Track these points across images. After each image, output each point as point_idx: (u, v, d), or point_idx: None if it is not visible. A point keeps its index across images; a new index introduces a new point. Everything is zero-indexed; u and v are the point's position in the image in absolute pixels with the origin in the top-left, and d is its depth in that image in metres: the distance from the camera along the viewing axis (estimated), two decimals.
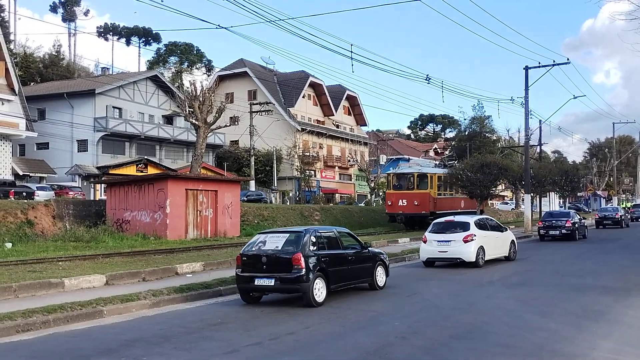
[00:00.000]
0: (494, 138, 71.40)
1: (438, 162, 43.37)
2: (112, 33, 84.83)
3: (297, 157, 56.51)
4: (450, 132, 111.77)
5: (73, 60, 74.11)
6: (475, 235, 17.19)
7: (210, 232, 27.18)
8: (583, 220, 31.29)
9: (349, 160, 66.47)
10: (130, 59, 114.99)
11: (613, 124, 64.28)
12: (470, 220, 17.89)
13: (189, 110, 31.43)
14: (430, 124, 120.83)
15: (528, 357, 7.24)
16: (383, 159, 64.10)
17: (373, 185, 59.15)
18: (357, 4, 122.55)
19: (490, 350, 7.49)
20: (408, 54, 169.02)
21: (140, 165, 44.87)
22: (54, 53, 67.20)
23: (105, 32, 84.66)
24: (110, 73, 57.38)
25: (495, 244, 18.43)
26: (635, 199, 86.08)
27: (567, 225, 28.27)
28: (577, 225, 28.78)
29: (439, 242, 17.40)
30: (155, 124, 48.90)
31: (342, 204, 53.25)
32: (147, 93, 50.04)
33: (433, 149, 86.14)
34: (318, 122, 63.29)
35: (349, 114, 69.77)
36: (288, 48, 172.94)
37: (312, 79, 61.35)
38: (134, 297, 11.05)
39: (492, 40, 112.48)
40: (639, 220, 51.42)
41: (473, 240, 17.03)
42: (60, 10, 79.85)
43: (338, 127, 66.18)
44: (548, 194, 57.94)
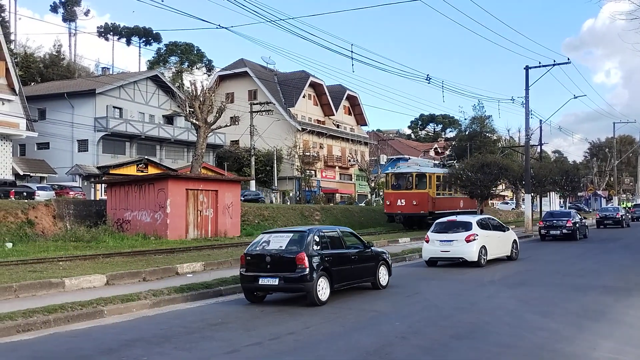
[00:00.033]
0: (495, 138, 71.37)
1: (437, 162, 43.26)
2: (112, 33, 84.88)
3: (297, 157, 56.52)
4: (451, 132, 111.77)
5: (73, 60, 74.16)
6: (478, 235, 17.21)
7: (211, 232, 27.18)
8: (584, 220, 31.28)
9: (350, 160, 66.47)
10: (131, 59, 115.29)
11: (613, 124, 64.24)
12: (473, 220, 17.92)
13: (190, 110, 31.45)
14: (431, 124, 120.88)
15: (529, 357, 7.23)
16: (383, 159, 64.11)
17: (373, 185, 59.13)
18: (357, 4, 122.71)
19: (491, 350, 7.48)
20: (408, 54, 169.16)
21: (141, 165, 44.89)
22: (55, 53, 67.23)
23: (106, 32, 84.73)
24: (111, 73, 57.39)
25: (498, 244, 18.44)
26: (636, 199, 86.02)
27: (568, 225, 28.26)
28: (578, 225, 28.78)
29: (442, 241, 17.42)
30: (156, 124, 48.91)
31: (342, 204, 53.25)
32: (147, 93, 50.05)
33: (433, 149, 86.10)
34: (318, 122, 63.29)
35: (350, 114, 69.77)
36: (288, 48, 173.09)
37: (312, 79, 61.35)
38: (135, 297, 11.05)
39: (492, 40, 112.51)
40: None
41: (475, 240, 17.05)
42: (61, 10, 79.97)
43: (338, 127, 66.17)
44: (548, 194, 57.94)
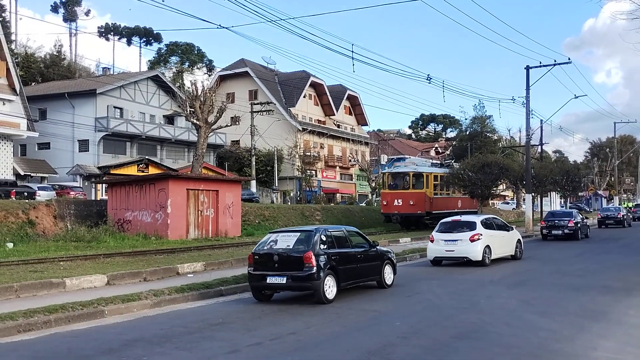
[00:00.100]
0: (495, 138, 71.44)
1: (435, 161, 43.15)
2: (113, 33, 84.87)
3: (298, 157, 56.51)
4: (452, 131, 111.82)
5: (74, 60, 74.15)
6: (482, 235, 17.33)
7: (212, 232, 27.19)
8: (586, 220, 31.32)
9: (350, 160, 66.46)
10: (131, 59, 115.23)
11: (614, 124, 64.07)
12: (477, 220, 18.05)
13: (190, 110, 31.46)
14: (431, 124, 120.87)
15: (530, 356, 7.23)
16: (384, 159, 64.08)
17: (374, 185, 59.12)
18: (357, 4, 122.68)
19: (492, 350, 7.48)
20: (409, 54, 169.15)
21: (142, 165, 44.90)
22: (55, 53, 67.23)
23: (106, 32, 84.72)
24: (111, 73, 57.39)
25: (502, 243, 18.58)
26: (637, 199, 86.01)
27: (569, 225, 28.32)
28: (579, 225, 28.84)
29: (446, 241, 17.56)
30: (157, 124, 48.90)
31: (343, 204, 53.23)
32: (148, 93, 50.05)
33: (434, 149, 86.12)
34: (319, 122, 63.28)
35: (350, 114, 69.75)
36: (289, 48, 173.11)
37: (313, 79, 61.34)
38: (135, 297, 11.06)
39: (493, 40, 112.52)
40: None
41: (479, 240, 17.18)
42: (61, 11, 79.91)
43: (339, 126, 66.17)
44: (549, 194, 57.94)
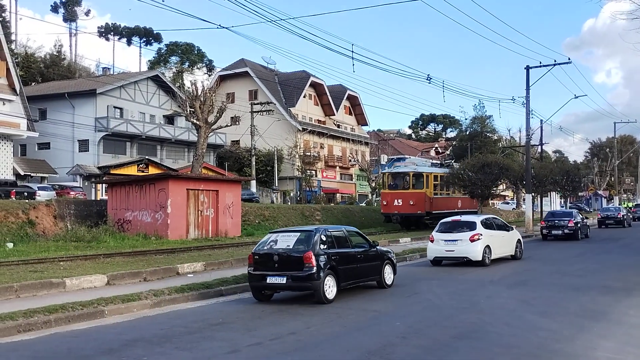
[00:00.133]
0: (495, 138, 71.45)
1: (435, 161, 43.10)
2: (113, 33, 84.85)
3: (298, 157, 56.51)
4: (452, 131, 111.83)
5: (74, 60, 74.14)
6: (482, 235, 17.38)
7: (212, 232, 27.19)
8: (586, 220, 31.34)
9: (350, 160, 66.46)
10: (131, 59, 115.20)
11: (614, 124, 64.06)
12: (477, 220, 18.10)
13: (190, 110, 31.46)
14: (432, 124, 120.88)
15: (530, 357, 7.23)
16: (384, 159, 64.09)
17: (374, 185, 59.12)
18: (357, 4, 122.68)
19: (492, 350, 7.48)
20: (409, 54, 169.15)
21: (142, 165, 44.90)
22: (55, 53, 67.22)
23: (106, 32, 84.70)
24: (111, 73, 57.39)
25: (502, 243, 18.63)
26: (637, 199, 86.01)
27: (569, 225, 28.33)
28: (579, 225, 28.86)
29: (446, 241, 17.61)
30: (157, 124, 48.89)
31: (343, 204, 53.23)
32: (148, 93, 50.05)
33: (434, 149, 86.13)
34: (319, 121, 63.28)
35: (350, 114, 69.75)
36: (289, 48, 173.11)
37: (313, 79, 61.34)
38: (135, 297, 11.06)
39: (493, 40, 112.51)
40: None
41: (479, 240, 17.23)
42: (61, 11, 79.89)
43: (339, 126, 66.16)
44: (549, 194, 57.92)
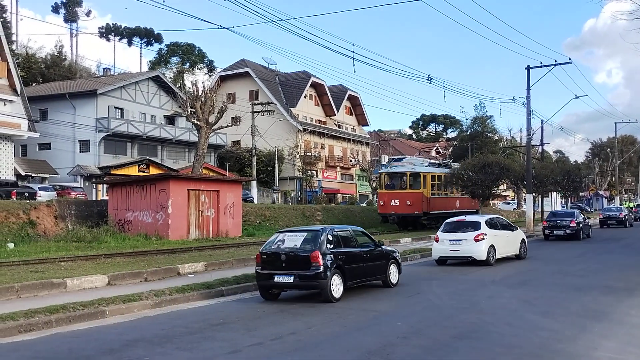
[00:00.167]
0: (496, 138, 71.41)
1: (432, 161, 42.99)
2: (113, 33, 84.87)
3: (298, 157, 56.51)
4: (452, 132, 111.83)
5: (75, 61, 74.17)
6: (486, 235, 17.52)
7: (212, 232, 27.19)
8: (587, 220, 31.34)
9: (351, 161, 66.46)
10: (132, 60, 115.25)
11: (615, 124, 64.00)
12: (481, 220, 18.25)
13: (191, 111, 31.47)
14: (432, 124, 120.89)
15: (531, 357, 7.22)
16: (385, 159, 64.03)
17: (375, 186, 59.10)
18: (358, 4, 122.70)
19: (493, 350, 7.47)
20: (410, 54, 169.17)
21: (142, 166, 44.92)
22: (56, 54, 67.23)
23: (107, 32, 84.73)
24: (112, 73, 57.35)
25: (506, 243, 18.77)
26: (638, 199, 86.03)
27: (571, 225, 28.33)
28: (581, 225, 28.88)
29: (451, 241, 17.76)
30: (157, 125, 48.91)
31: (343, 204, 53.24)
32: (148, 93, 50.06)
33: (434, 149, 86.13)
34: (320, 122, 63.28)
35: (351, 114, 69.74)
36: (289, 48, 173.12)
37: (313, 79, 61.33)
38: (136, 297, 11.06)
39: (493, 40, 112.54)
40: None
41: (484, 240, 17.36)
42: (62, 11, 79.92)
43: (340, 127, 66.16)
44: (550, 194, 57.89)
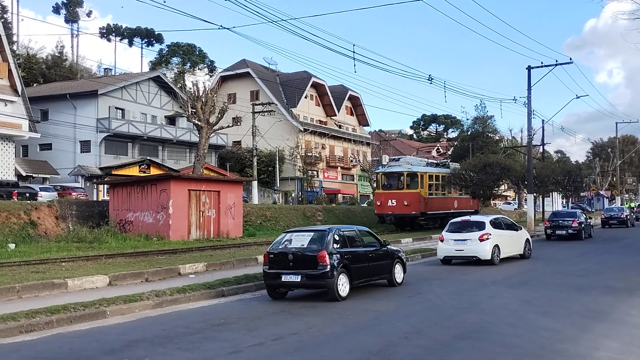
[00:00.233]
0: (497, 138, 71.43)
1: (430, 160, 42.99)
2: (114, 34, 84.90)
3: (299, 157, 56.51)
4: (453, 132, 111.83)
5: (76, 61, 74.20)
6: (491, 235, 17.70)
7: (213, 232, 27.19)
8: (589, 220, 31.33)
9: (352, 161, 66.45)
10: (133, 60, 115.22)
11: (616, 124, 64.03)
12: (486, 220, 18.43)
13: (192, 111, 31.48)
14: (433, 124, 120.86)
15: (532, 357, 7.21)
16: (385, 159, 64.03)
17: (375, 186, 59.08)
18: (358, 4, 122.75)
19: (494, 351, 7.46)
20: (410, 54, 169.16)
21: (143, 166, 44.93)
22: (57, 54, 67.27)
23: (108, 33, 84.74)
24: (113, 74, 57.40)
25: (511, 243, 18.95)
26: (639, 199, 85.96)
27: (573, 225, 28.37)
28: (583, 225, 28.90)
29: (456, 240, 17.95)
30: (158, 125, 48.93)
31: (344, 204, 53.24)
32: (149, 94, 50.06)
33: (435, 149, 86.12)
34: (320, 122, 63.28)
35: (352, 114, 69.73)
36: (290, 48, 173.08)
37: (314, 80, 61.34)
38: (137, 297, 11.06)
39: (494, 40, 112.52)
40: None
41: (488, 239, 17.54)
42: (63, 12, 79.94)
43: (340, 127, 66.16)
44: (551, 194, 57.91)
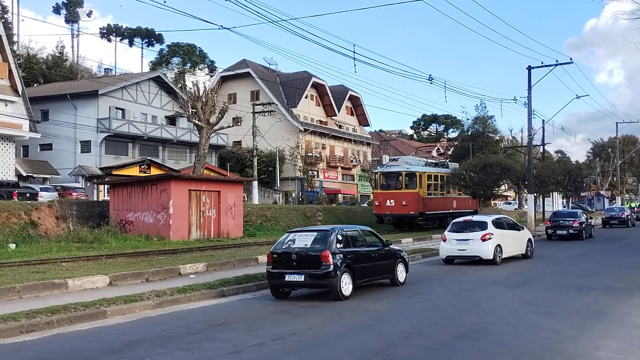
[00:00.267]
0: (497, 138, 71.43)
1: (429, 160, 42.99)
2: (115, 34, 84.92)
3: (299, 157, 56.51)
4: (453, 132, 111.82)
5: (76, 62, 74.23)
6: (493, 234, 17.76)
7: (214, 232, 27.20)
8: (590, 220, 31.37)
9: (352, 161, 66.44)
10: (133, 60, 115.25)
11: (616, 124, 64.07)
12: (488, 220, 18.49)
13: (192, 111, 31.49)
14: (433, 124, 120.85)
15: (532, 357, 7.22)
16: (386, 159, 64.01)
17: (374, 186, 59.07)
18: (359, 4, 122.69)
19: (494, 351, 7.47)
20: (410, 54, 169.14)
21: (143, 166, 44.94)
22: (57, 54, 67.29)
23: (108, 33, 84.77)
24: (113, 74, 57.44)
25: (513, 242, 19.00)
26: (639, 199, 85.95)
27: (574, 225, 28.41)
28: (584, 225, 28.96)
29: (458, 240, 18.02)
30: (158, 125, 48.93)
31: (344, 205, 53.24)
32: (150, 94, 50.06)
33: (435, 149, 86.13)
34: (321, 122, 63.28)
35: (352, 114, 69.72)
36: (290, 48, 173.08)
37: (314, 80, 61.33)
38: (138, 297, 11.06)
39: (495, 40, 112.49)
40: None
41: (491, 239, 17.60)
42: (63, 12, 79.97)
43: (341, 127, 66.15)
44: (551, 194, 57.87)
